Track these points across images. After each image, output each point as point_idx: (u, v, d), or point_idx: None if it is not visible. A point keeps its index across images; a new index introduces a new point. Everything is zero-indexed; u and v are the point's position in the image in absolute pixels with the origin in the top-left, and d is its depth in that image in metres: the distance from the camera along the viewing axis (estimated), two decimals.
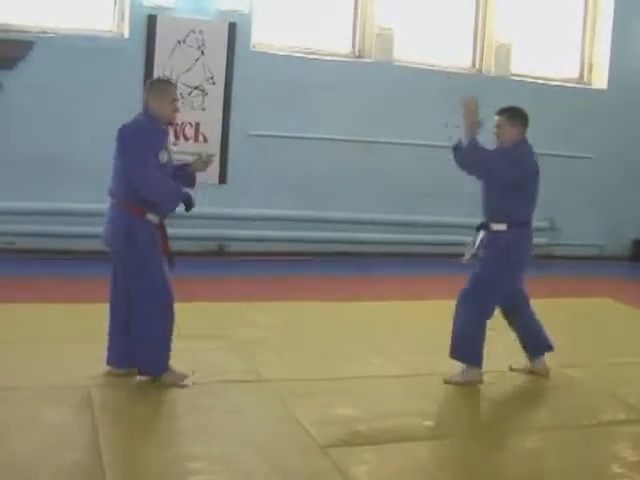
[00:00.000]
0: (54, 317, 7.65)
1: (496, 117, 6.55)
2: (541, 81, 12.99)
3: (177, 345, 6.77)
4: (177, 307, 7.70)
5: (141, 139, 5.88)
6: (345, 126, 11.76)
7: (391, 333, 7.80)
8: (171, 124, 6.36)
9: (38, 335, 7.08)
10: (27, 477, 4.53)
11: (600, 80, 13.38)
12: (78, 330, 6.75)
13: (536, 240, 6.81)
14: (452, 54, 12.70)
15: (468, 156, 6.45)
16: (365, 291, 9.81)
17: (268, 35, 11.73)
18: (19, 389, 5.81)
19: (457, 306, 6.55)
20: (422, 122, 11.80)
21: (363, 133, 11.81)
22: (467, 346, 6.48)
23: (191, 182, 6.36)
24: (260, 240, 11.60)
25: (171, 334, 6.08)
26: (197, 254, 11.12)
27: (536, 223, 6.76)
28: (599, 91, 13.33)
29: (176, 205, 6.02)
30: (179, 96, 8.66)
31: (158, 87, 6.15)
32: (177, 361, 6.38)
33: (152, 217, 5.92)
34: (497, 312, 6.62)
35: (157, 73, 10.34)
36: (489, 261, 6.47)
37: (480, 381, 6.48)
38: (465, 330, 6.45)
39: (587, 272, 12.10)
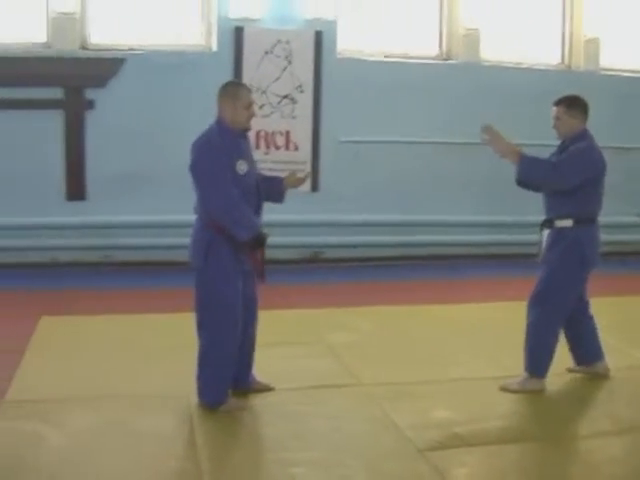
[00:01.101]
0: (153, 328, 7.82)
1: (554, 108, 6.19)
2: (632, 74, 12.69)
3: (275, 352, 6.87)
4: (273, 315, 7.78)
5: (211, 157, 5.53)
6: (435, 128, 11.71)
7: (487, 335, 7.75)
8: (247, 130, 5.81)
9: (138, 345, 7.25)
10: None
11: None
12: (178, 340, 6.84)
13: (629, 237, 6.61)
14: (540, 51, 12.55)
15: (533, 181, 6.18)
16: (459, 293, 9.78)
17: (354, 41, 11.76)
18: (118, 397, 5.97)
19: (527, 312, 6.28)
20: (512, 122, 11.62)
21: (453, 135, 11.72)
22: (533, 355, 6.23)
23: (280, 197, 6.12)
24: (354, 246, 11.64)
25: (234, 363, 5.76)
26: (292, 261, 11.21)
27: (626, 219, 6.55)
28: None
29: (246, 238, 5.53)
30: (269, 104, 8.68)
31: (231, 91, 5.73)
32: (275, 368, 6.46)
33: None
34: None
35: (246, 84, 10.43)
36: (556, 261, 6.12)
37: (541, 390, 6.23)
38: (534, 340, 6.21)
39: None
